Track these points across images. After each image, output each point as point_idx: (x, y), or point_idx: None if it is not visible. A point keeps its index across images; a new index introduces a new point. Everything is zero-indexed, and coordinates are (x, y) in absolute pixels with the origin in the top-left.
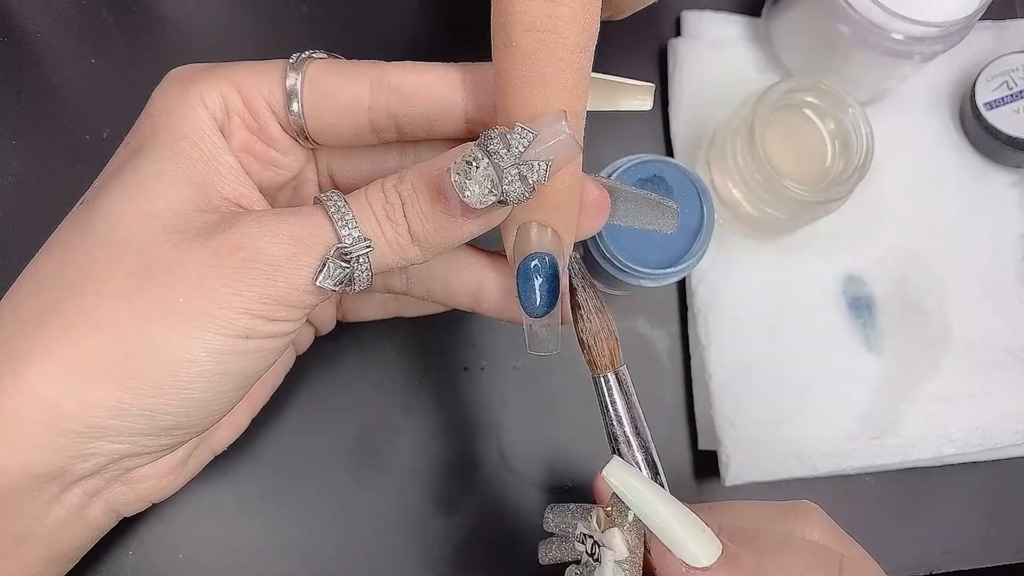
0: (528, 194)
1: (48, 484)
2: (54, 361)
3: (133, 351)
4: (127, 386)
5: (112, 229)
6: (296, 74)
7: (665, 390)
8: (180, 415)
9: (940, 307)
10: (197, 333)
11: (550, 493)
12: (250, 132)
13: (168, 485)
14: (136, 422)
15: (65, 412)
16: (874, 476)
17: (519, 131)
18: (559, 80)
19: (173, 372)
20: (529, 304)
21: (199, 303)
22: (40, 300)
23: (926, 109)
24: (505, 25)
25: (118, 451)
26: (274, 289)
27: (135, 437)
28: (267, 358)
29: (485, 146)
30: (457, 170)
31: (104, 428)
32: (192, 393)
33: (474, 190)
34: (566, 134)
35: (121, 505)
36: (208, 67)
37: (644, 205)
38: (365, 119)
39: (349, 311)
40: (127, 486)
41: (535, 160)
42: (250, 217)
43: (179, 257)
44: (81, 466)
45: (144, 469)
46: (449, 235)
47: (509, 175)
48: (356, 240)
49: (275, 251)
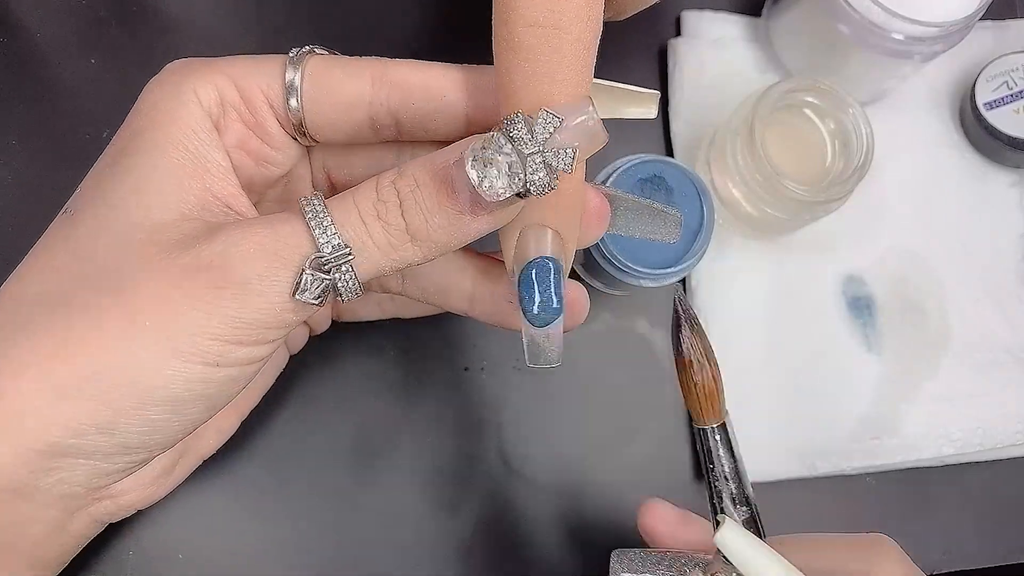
0: (553, 184)
1: (19, 501)
2: (21, 380)
3: (97, 372)
4: (87, 408)
5: (90, 244)
6: (296, 69)
7: (665, 390)
8: (142, 435)
9: (940, 307)
10: (163, 358)
11: (550, 493)
12: (246, 127)
13: (152, 494)
14: (96, 442)
15: (26, 430)
16: (874, 476)
17: (544, 116)
18: (562, 76)
19: (136, 395)
20: (531, 313)
21: (167, 327)
22: (16, 317)
23: (926, 109)
24: (507, 21)
25: (81, 467)
26: (246, 312)
27: (96, 455)
28: (237, 384)
29: (508, 131)
30: (474, 157)
31: (64, 448)
32: (156, 415)
33: (493, 179)
34: (594, 120)
35: (105, 516)
36: (205, 61)
37: (645, 214)
38: (365, 115)
39: (345, 311)
40: (109, 499)
41: (561, 147)
42: (223, 231)
43: (148, 276)
44: (44, 482)
45: (122, 483)
46: (455, 233)
47: (534, 162)
48: (336, 248)
49: (245, 270)
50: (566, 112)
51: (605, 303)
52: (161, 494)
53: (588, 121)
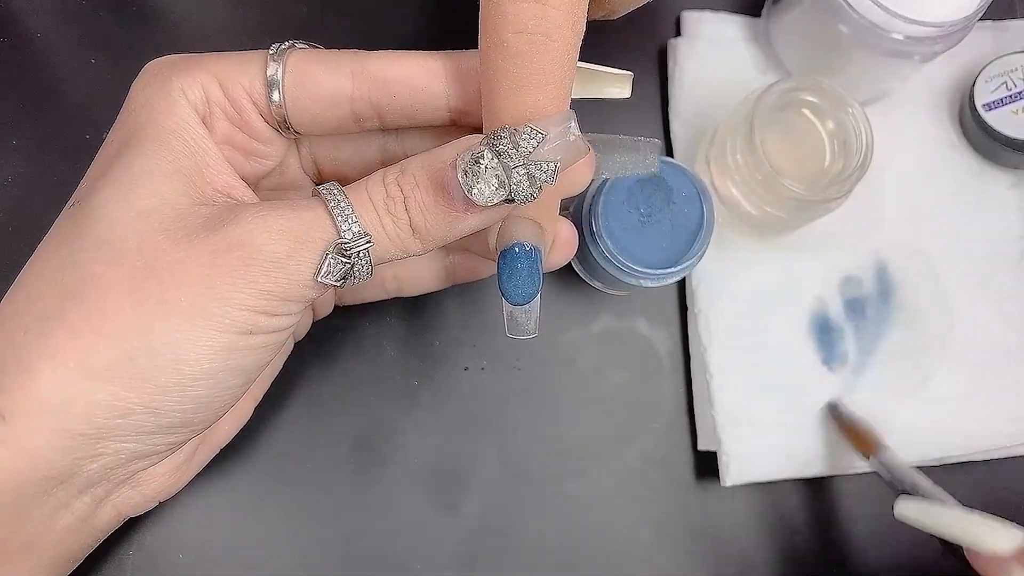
0: (535, 194)
1: (57, 488)
2: (60, 365)
3: (138, 352)
4: (133, 386)
5: (108, 229)
6: (277, 64)
7: (665, 390)
8: (186, 413)
9: (938, 308)
10: (201, 332)
11: (550, 493)
12: (231, 123)
13: (175, 483)
14: (142, 421)
15: (73, 415)
16: (872, 476)
17: (528, 131)
18: (549, 80)
19: (179, 371)
20: (511, 292)
21: (201, 302)
22: (41, 305)
23: (926, 109)
24: (497, 26)
25: (125, 451)
26: (275, 286)
27: (141, 436)
28: (270, 352)
29: (494, 145)
30: (464, 168)
31: (111, 429)
32: (197, 391)
33: (481, 188)
34: (575, 136)
35: (129, 508)
36: (186, 58)
37: (624, 149)
38: (347, 109)
39: (346, 294)
40: (134, 488)
41: (544, 160)
42: (247, 212)
43: (178, 256)
44: (89, 467)
45: (150, 469)
46: (451, 229)
47: (517, 175)
48: (356, 235)
49: (275, 248)
50: (549, 126)
51: (605, 303)
52: (182, 483)
53: (570, 136)
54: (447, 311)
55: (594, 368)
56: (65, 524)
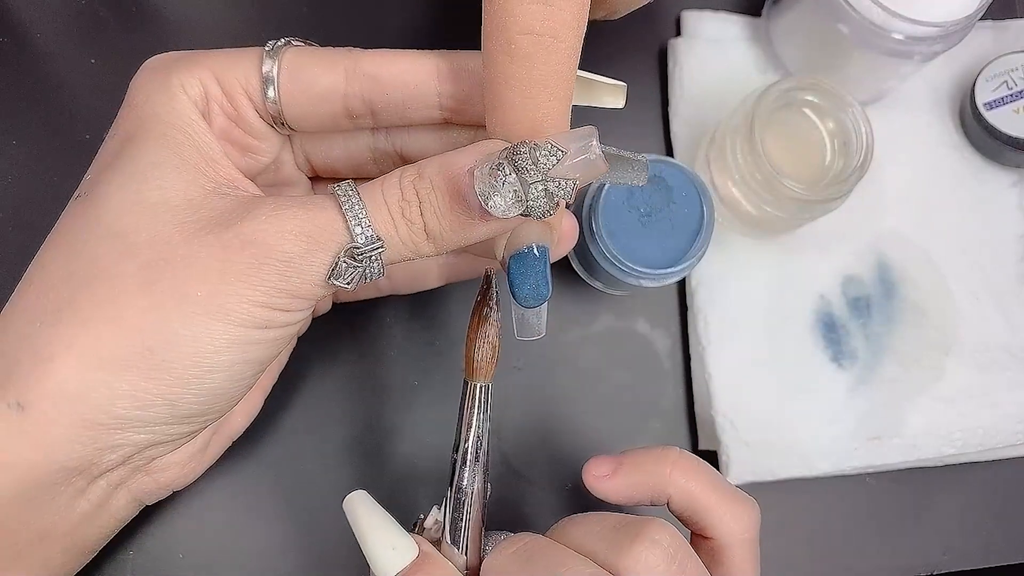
0: (552, 211)
1: (75, 478)
2: (77, 356)
3: (155, 343)
4: (151, 377)
5: (119, 220)
6: (272, 61)
7: (665, 390)
8: (202, 403)
9: (940, 307)
10: (218, 325)
11: (550, 493)
12: (228, 119)
13: (190, 472)
14: (160, 412)
15: (92, 405)
16: (874, 476)
17: (548, 147)
18: (554, 82)
19: (196, 363)
20: (527, 295)
21: (218, 297)
22: (53, 296)
23: (926, 109)
24: (504, 28)
25: (143, 440)
26: (288, 284)
27: (159, 426)
28: (281, 344)
29: (513, 160)
30: (481, 179)
31: (130, 419)
32: (213, 382)
33: (498, 201)
34: (596, 155)
35: (144, 495)
36: (184, 55)
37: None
38: (341, 106)
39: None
40: (149, 476)
41: (562, 178)
42: (261, 209)
43: (191, 250)
44: (108, 458)
45: (166, 458)
46: (465, 235)
47: (535, 191)
48: (369, 240)
49: (287, 247)
50: (569, 143)
51: (605, 303)
52: (196, 473)
53: (591, 156)
54: (447, 311)
55: (594, 368)
56: (81, 512)
